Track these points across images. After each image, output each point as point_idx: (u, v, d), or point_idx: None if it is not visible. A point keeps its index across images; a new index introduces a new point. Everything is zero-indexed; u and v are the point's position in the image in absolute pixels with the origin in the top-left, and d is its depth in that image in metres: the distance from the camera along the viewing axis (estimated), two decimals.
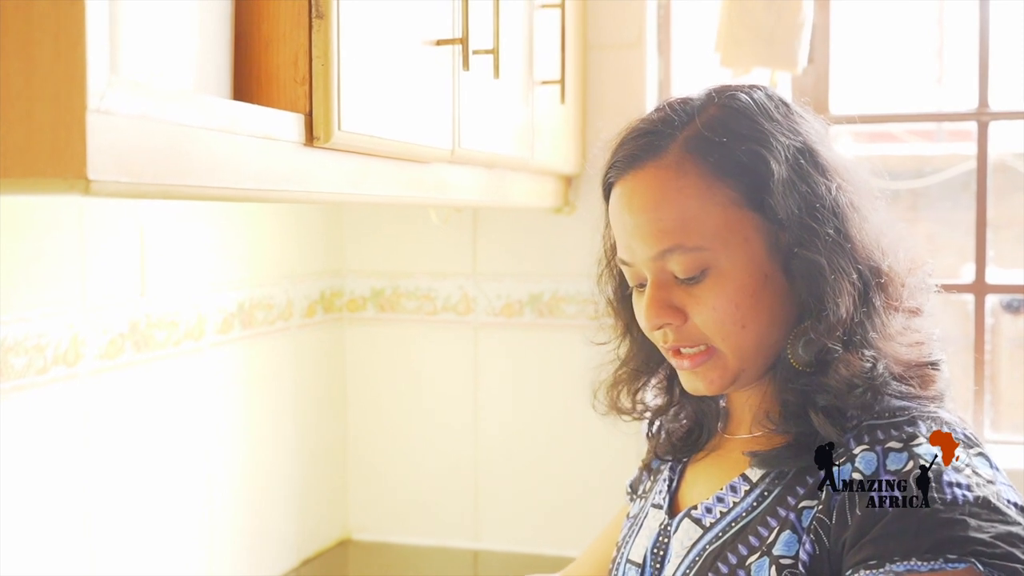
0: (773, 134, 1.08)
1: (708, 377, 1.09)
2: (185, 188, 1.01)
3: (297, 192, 1.21)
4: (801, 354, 1.07)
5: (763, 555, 1.04)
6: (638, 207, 1.09)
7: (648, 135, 1.11)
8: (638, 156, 1.10)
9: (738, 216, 1.06)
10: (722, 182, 1.06)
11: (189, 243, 1.82)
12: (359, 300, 2.33)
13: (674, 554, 1.12)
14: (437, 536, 2.32)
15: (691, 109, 1.11)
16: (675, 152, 1.08)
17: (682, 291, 1.08)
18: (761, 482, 1.09)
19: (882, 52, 3.65)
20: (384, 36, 1.30)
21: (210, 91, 1.12)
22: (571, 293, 2.22)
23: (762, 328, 1.07)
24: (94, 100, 0.85)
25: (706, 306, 1.06)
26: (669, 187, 1.07)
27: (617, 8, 2.16)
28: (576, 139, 2.11)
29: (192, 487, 1.84)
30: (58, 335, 1.53)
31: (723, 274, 1.06)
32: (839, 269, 1.05)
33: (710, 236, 1.06)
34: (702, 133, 1.08)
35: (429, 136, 1.44)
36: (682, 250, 1.06)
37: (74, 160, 0.85)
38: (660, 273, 1.08)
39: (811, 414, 1.05)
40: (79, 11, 0.84)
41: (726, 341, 1.07)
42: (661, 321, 1.08)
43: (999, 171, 3.16)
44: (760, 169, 1.06)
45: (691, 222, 1.06)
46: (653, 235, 1.07)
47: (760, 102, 1.10)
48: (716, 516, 1.10)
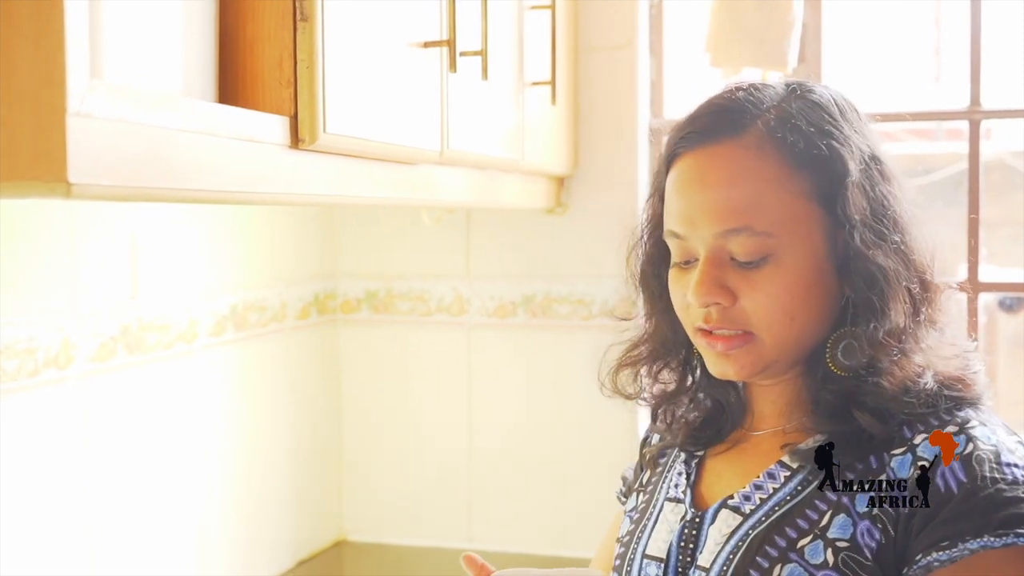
0: (850, 135, 1.08)
1: (740, 362, 1.08)
2: (168, 191, 1.02)
3: (283, 194, 1.22)
4: (841, 359, 1.07)
5: (816, 538, 1.04)
6: (712, 181, 1.07)
7: (729, 112, 1.09)
8: (717, 130, 1.08)
9: (807, 209, 1.06)
10: (799, 172, 1.06)
11: (181, 246, 1.82)
12: (353, 302, 2.34)
13: (712, 543, 1.10)
14: (431, 537, 2.32)
15: (772, 95, 1.10)
16: (756, 133, 1.07)
17: (736, 273, 1.06)
18: (802, 469, 1.08)
19: (879, 50, 3.65)
20: (370, 38, 1.30)
21: (195, 93, 1.12)
22: (564, 294, 2.23)
23: (807, 323, 1.07)
24: (74, 103, 0.86)
25: (761, 292, 1.05)
26: (747, 167, 1.06)
27: (608, 9, 2.17)
28: (568, 140, 2.11)
29: (186, 490, 1.84)
30: (49, 338, 1.53)
31: (783, 264, 1.05)
32: (900, 276, 1.06)
33: (779, 223, 1.05)
34: (785, 119, 1.07)
35: (417, 138, 1.45)
36: (749, 232, 1.05)
37: (54, 163, 0.86)
38: (718, 252, 1.06)
39: (856, 413, 1.05)
40: (58, 14, 0.84)
41: (770, 330, 1.06)
42: (712, 299, 1.06)
43: (996, 169, 3.16)
44: (837, 166, 1.06)
45: (763, 206, 1.05)
46: (722, 212, 1.06)
47: (838, 102, 1.11)
48: (756, 503, 1.09)
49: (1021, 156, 3.44)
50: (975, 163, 2.12)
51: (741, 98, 1.10)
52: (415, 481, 2.33)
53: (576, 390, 2.21)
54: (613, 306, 2.20)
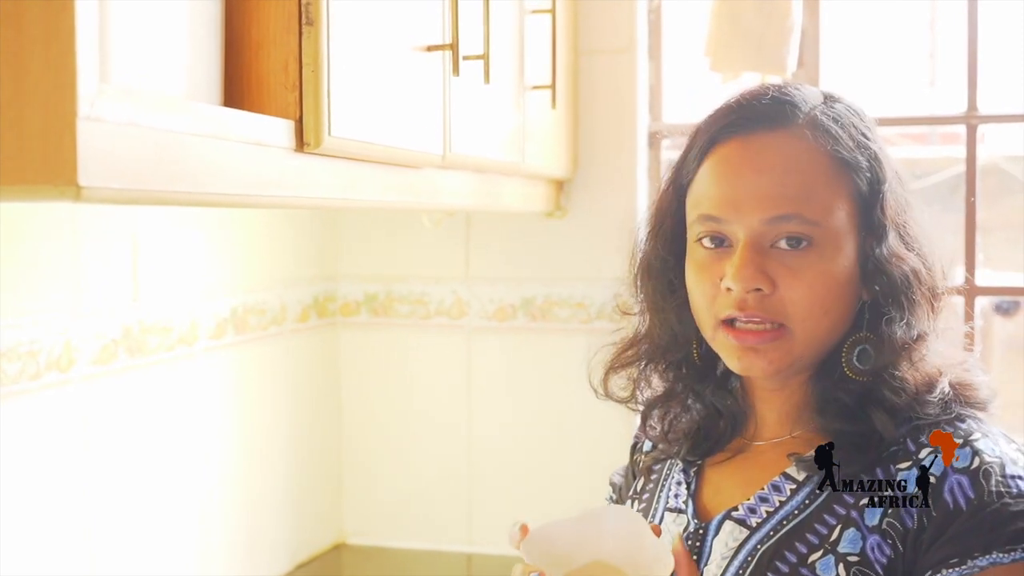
0: (883, 147, 1.11)
1: (769, 357, 1.06)
2: (175, 194, 1.02)
3: (288, 198, 1.22)
4: (856, 363, 1.07)
5: (827, 553, 1.03)
6: (765, 166, 1.06)
7: (779, 101, 1.09)
8: (770, 116, 1.08)
9: (848, 207, 1.07)
10: (844, 170, 1.07)
11: (182, 249, 1.82)
12: (353, 305, 2.34)
13: (718, 556, 1.09)
14: (431, 540, 2.32)
15: (811, 97, 1.11)
16: (809, 125, 1.07)
17: (776, 261, 1.05)
18: (809, 481, 1.08)
19: (874, 55, 3.66)
20: (374, 42, 1.31)
21: (201, 97, 1.13)
22: (564, 297, 2.23)
23: (836, 320, 1.07)
24: (84, 107, 0.86)
25: (802, 281, 1.04)
26: (802, 156, 1.06)
27: (608, 13, 2.17)
28: (567, 144, 2.12)
29: (186, 492, 1.85)
30: (51, 341, 1.54)
31: (825, 256, 1.05)
32: (922, 289, 1.07)
33: (826, 215, 1.05)
34: (830, 120, 1.08)
35: (420, 141, 1.45)
36: (799, 220, 1.04)
37: (65, 167, 0.86)
38: (760, 238, 1.05)
39: (871, 411, 1.06)
40: (69, 18, 0.85)
41: (804, 323, 1.05)
42: (755, 284, 1.04)
43: (990, 174, 3.18)
44: (878, 174, 1.08)
45: (815, 196, 1.05)
46: (774, 198, 1.05)
47: (864, 116, 1.13)
48: (762, 516, 1.08)
49: (1015, 160, 3.45)
50: (972, 167, 2.13)
51: (792, 92, 1.11)
52: (415, 484, 2.33)
53: (575, 393, 2.20)
54: (614, 307, 2.21)
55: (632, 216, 2.19)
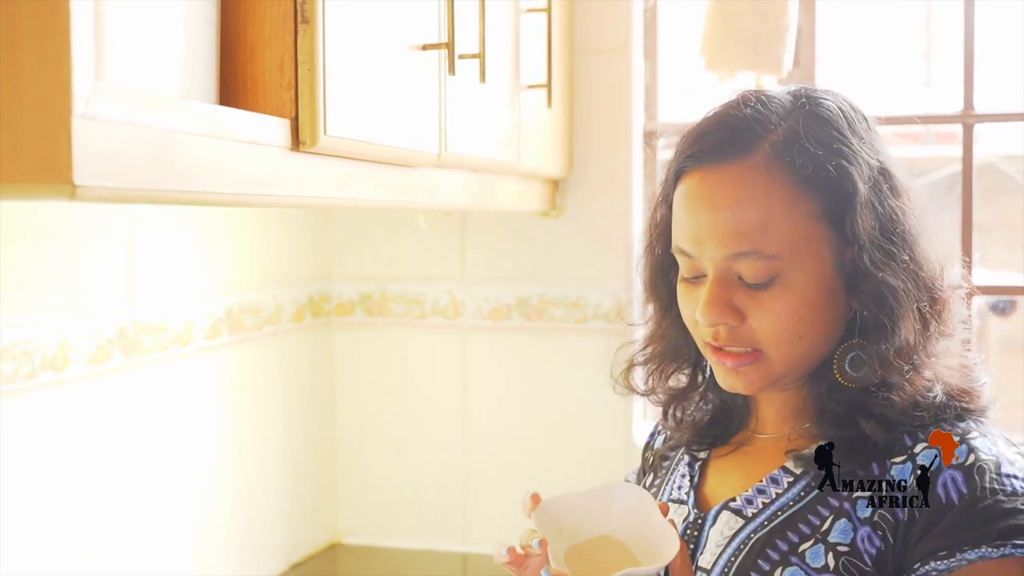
0: (859, 151, 1.07)
1: (749, 378, 1.08)
2: (171, 193, 1.02)
3: (283, 197, 1.22)
4: (848, 371, 1.07)
5: (817, 542, 1.05)
6: (720, 203, 1.05)
7: (736, 130, 1.07)
8: (725, 150, 1.07)
9: (816, 229, 1.05)
10: (807, 193, 1.05)
11: (177, 249, 1.82)
12: (348, 304, 2.34)
13: (713, 544, 1.11)
14: (426, 539, 2.32)
15: (779, 110, 1.08)
16: (764, 154, 1.05)
17: (744, 293, 1.06)
18: (806, 474, 1.09)
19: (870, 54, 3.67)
20: (370, 41, 1.30)
21: (196, 96, 1.13)
22: (559, 296, 2.23)
23: (816, 340, 1.07)
24: (79, 106, 0.86)
25: (769, 313, 1.05)
26: (756, 190, 1.05)
27: (604, 13, 2.17)
28: (563, 143, 2.12)
29: (181, 492, 1.84)
30: (46, 340, 1.53)
31: (791, 284, 1.05)
32: (910, 295, 1.05)
33: (787, 246, 1.04)
34: (792, 139, 1.06)
35: (415, 140, 1.45)
36: (758, 256, 1.04)
37: (60, 165, 0.86)
38: (725, 272, 1.06)
39: (862, 421, 1.06)
40: (64, 17, 0.84)
41: (779, 348, 1.06)
42: (720, 320, 1.06)
43: (986, 173, 3.18)
44: (846, 186, 1.05)
45: (772, 229, 1.04)
46: (730, 235, 1.05)
47: (846, 113, 1.09)
48: (758, 507, 1.10)
49: (1011, 160, 3.45)
50: (968, 167, 2.13)
51: (748, 115, 1.08)
52: (410, 483, 2.33)
53: (571, 392, 2.22)
54: (608, 310, 2.21)
55: (628, 216, 2.20)
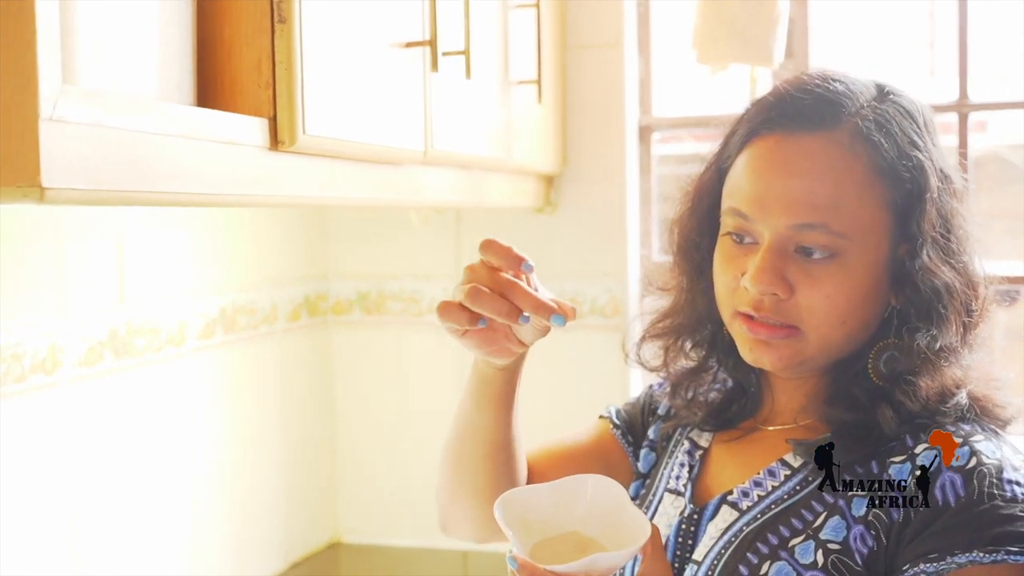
0: (932, 149, 1.07)
1: (779, 353, 1.05)
2: (147, 195, 1.02)
3: (264, 196, 1.22)
4: (882, 369, 1.06)
5: (808, 538, 1.04)
6: (797, 170, 1.03)
7: (826, 102, 1.05)
8: (810, 118, 1.04)
9: (882, 218, 1.04)
10: (883, 180, 1.04)
11: (169, 249, 1.82)
12: (344, 303, 2.34)
13: (708, 537, 1.10)
14: (427, 537, 2.32)
15: (867, 92, 1.07)
16: (850, 131, 1.04)
17: (797, 267, 1.03)
18: (803, 468, 1.08)
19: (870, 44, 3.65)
20: (349, 39, 1.30)
21: (173, 97, 1.13)
22: (555, 292, 2.22)
23: (855, 329, 1.06)
24: (46, 109, 0.86)
25: (820, 292, 1.03)
26: (837, 165, 1.03)
27: (595, 7, 2.16)
28: (556, 139, 2.11)
29: (178, 494, 1.84)
30: (36, 343, 1.53)
31: (848, 267, 1.03)
32: (959, 297, 1.05)
33: (854, 227, 1.03)
34: (881, 123, 1.05)
35: (400, 138, 1.45)
36: (825, 230, 1.02)
37: (28, 168, 0.86)
38: (784, 242, 1.04)
39: (879, 406, 1.04)
40: (30, 21, 0.85)
41: (819, 330, 1.04)
42: (770, 289, 1.03)
43: (991, 162, 3.15)
44: (920, 181, 1.04)
45: (844, 207, 1.02)
46: (801, 205, 1.02)
47: (924, 112, 1.09)
48: (753, 500, 1.09)
49: (1016, 149, 3.43)
50: (963, 157, 2.12)
51: (839, 90, 1.06)
52: (409, 482, 2.33)
53: (567, 389, 2.21)
54: (604, 305, 2.20)
55: (623, 210, 2.19)
